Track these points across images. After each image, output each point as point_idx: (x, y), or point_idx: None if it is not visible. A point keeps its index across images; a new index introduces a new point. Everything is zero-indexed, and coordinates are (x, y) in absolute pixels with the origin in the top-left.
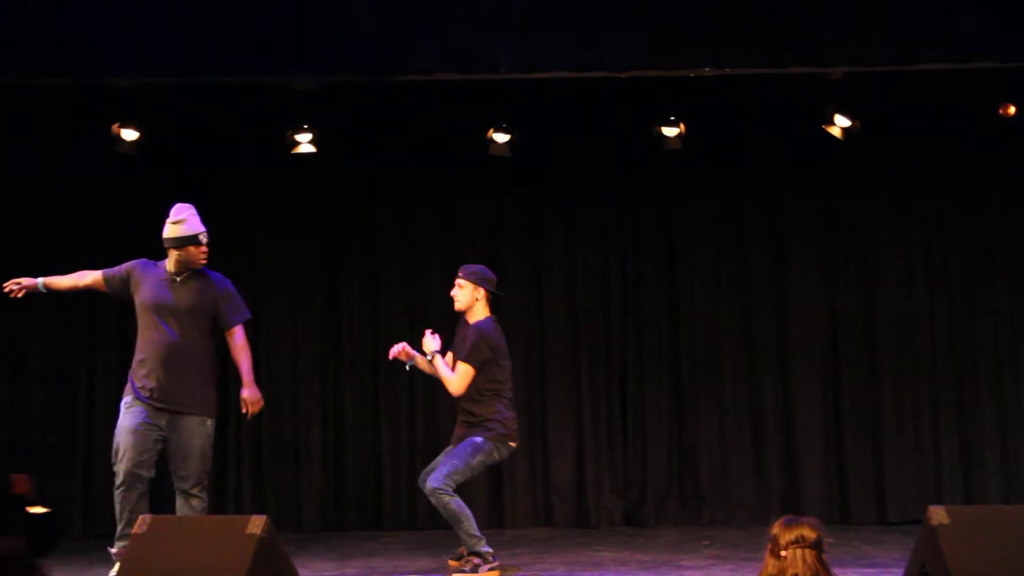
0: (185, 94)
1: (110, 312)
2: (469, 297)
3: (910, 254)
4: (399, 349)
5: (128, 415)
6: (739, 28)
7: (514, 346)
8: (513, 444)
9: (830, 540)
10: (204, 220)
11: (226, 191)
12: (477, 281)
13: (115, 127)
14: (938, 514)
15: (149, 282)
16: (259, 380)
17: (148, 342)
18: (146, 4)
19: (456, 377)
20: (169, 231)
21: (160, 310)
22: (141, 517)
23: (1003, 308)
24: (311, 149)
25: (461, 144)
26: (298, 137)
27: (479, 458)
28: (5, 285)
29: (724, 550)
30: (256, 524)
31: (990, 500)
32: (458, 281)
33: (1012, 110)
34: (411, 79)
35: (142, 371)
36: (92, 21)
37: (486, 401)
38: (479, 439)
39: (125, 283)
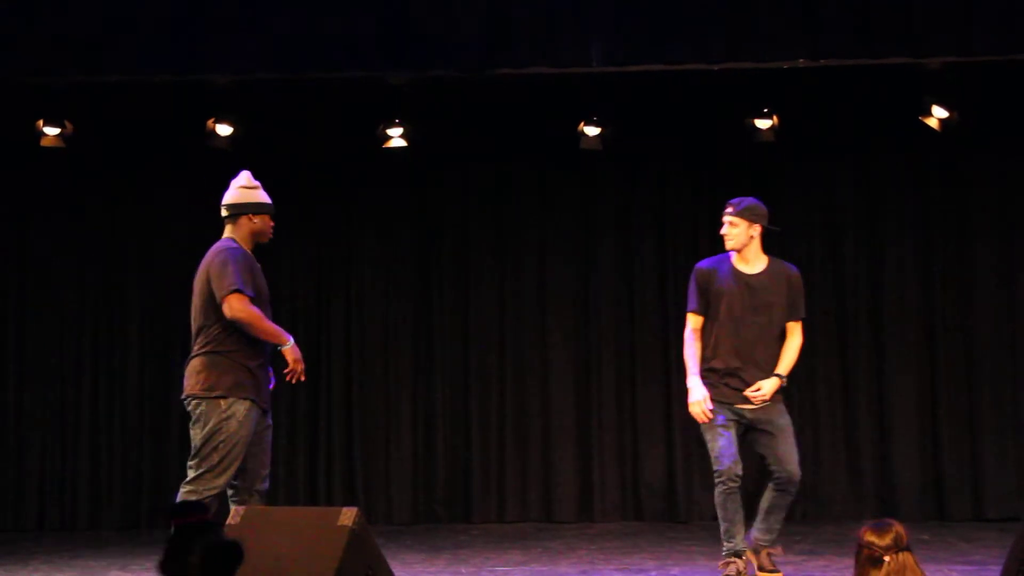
0: (282, 90)
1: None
2: (744, 235)
3: (1011, 248)
4: None
5: (245, 427)
6: (835, 18)
7: (604, 337)
8: None
9: (924, 537)
10: (296, 215)
11: (319, 186)
12: (751, 218)
13: (210, 123)
14: None
15: (261, 276)
16: (351, 373)
17: (262, 347)
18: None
19: (800, 340)
20: (244, 195)
21: (269, 303)
22: (234, 508)
23: None
24: (402, 143)
25: (553, 138)
26: (390, 131)
27: None
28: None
29: (816, 545)
30: (348, 516)
31: None
32: (729, 219)
33: None
34: (505, 73)
35: (254, 377)
36: (191, 20)
37: None
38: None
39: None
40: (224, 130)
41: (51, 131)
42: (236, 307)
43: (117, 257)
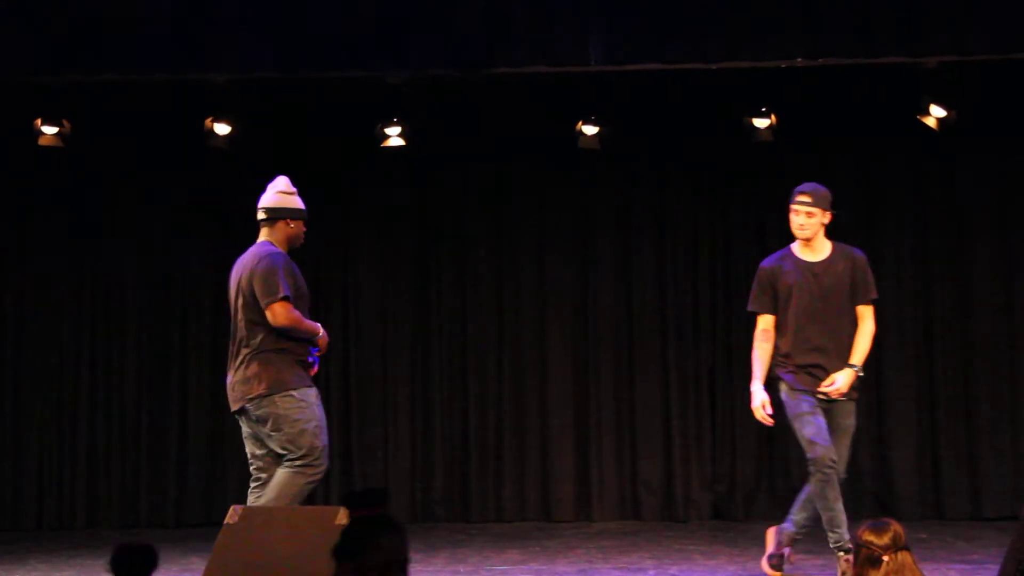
0: (280, 89)
1: (203, 299)
2: (818, 224)
3: (1009, 247)
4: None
5: (319, 408)
6: (833, 17)
7: (602, 336)
8: None
9: (922, 536)
10: None
11: (317, 185)
12: (825, 205)
13: (208, 122)
14: None
15: (300, 277)
16: (348, 372)
17: (305, 345)
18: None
19: (872, 325)
20: (282, 200)
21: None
22: (233, 507)
23: None
24: (401, 143)
25: (551, 137)
26: (388, 131)
27: None
28: None
29: (815, 545)
30: (345, 515)
31: None
32: (807, 209)
33: None
34: (503, 72)
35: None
36: (187, 19)
37: None
38: None
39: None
40: (222, 129)
41: (49, 130)
42: (280, 315)
43: (115, 256)
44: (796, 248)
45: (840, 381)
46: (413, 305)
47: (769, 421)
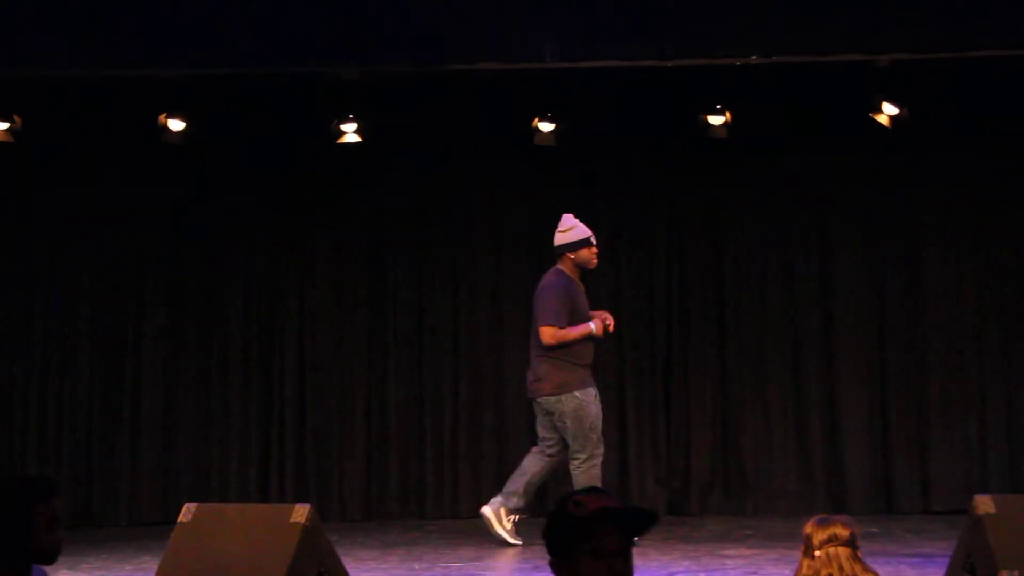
0: (233, 85)
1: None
2: None
3: (959, 246)
4: None
5: (595, 405)
6: (786, 15)
7: None
8: None
9: (873, 530)
10: (248, 208)
11: (272, 180)
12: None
13: (162, 117)
14: (984, 503)
15: (580, 297)
16: (303, 371)
17: (588, 347)
18: None
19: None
20: (562, 238)
21: (588, 316)
22: (186, 506)
23: None
24: (356, 139)
25: (508, 133)
26: (344, 127)
27: None
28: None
29: (768, 540)
30: (300, 513)
31: None
32: None
33: None
34: (456, 69)
35: (585, 370)
36: (141, 14)
37: None
38: None
39: (569, 312)
40: (176, 125)
41: (0, 125)
42: (547, 338)
43: (66, 253)
44: None
45: None
46: (369, 303)
47: None
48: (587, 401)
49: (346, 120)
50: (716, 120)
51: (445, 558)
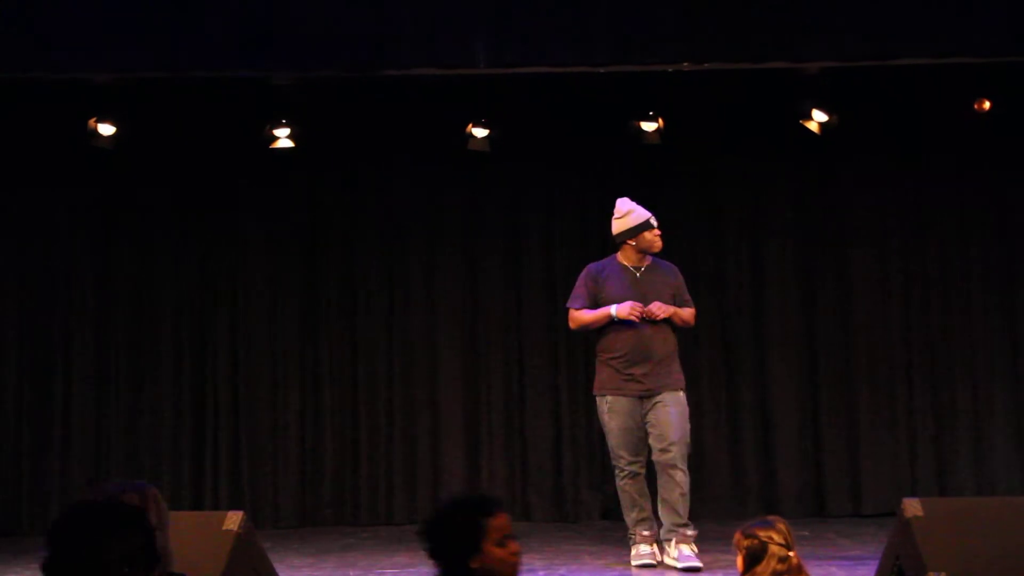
0: (163, 89)
1: (85, 307)
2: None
3: (888, 251)
4: None
5: (614, 416)
6: (717, 23)
7: (492, 338)
8: None
9: (804, 533)
10: (180, 213)
11: (204, 186)
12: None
13: (92, 122)
14: (912, 506)
15: (612, 281)
16: (236, 375)
17: (622, 338)
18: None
19: None
20: (620, 225)
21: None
22: None
23: (976, 304)
24: (289, 144)
25: (441, 139)
26: (277, 132)
27: None
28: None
29: (701, 544)
30: (233, 520)
31: (964, 493)
32: None
33: (987, 105)
34: (389, 74)
35: (620, 365)
36: (70, 17)
37: None
38: None
39: (595, 296)
40: (106, 129)
41: None
42: (569, 320)
43: None
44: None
45: None
46: (301, 308)
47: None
48: (603, 410)
49: (279, 125)
50: (649, 126)
51: (379, 565)
